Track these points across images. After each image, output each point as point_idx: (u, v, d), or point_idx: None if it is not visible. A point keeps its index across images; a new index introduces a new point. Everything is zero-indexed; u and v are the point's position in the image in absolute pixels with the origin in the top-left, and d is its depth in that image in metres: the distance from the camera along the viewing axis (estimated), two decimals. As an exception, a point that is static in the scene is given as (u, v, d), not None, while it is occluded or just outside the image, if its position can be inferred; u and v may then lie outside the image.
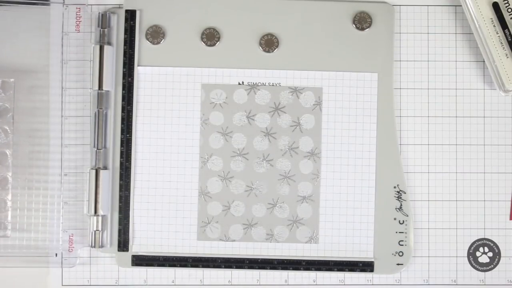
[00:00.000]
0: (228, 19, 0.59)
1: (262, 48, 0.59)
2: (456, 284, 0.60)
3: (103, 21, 0.59)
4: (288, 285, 0.59)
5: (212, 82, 0.60)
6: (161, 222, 0.59)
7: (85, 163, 0.59)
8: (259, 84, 0.60)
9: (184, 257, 0.59)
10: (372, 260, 0.59)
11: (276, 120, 0.59)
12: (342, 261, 0.59)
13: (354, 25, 0.59)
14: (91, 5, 0.59)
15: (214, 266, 0.59)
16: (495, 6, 0.57)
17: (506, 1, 0.57)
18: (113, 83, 0.59)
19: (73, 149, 0.59)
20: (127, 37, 0.59)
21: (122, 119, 0.59)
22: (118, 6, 0.59)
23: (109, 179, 0.59)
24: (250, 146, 0.59)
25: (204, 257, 0.59)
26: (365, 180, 0.59)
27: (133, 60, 0.59)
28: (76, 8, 0.59)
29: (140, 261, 0.59)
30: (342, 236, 0.59)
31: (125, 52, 0.59)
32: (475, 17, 0.58)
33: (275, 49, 0.59)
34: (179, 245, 0.59)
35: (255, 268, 0.59)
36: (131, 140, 0.59)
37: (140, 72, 0.59)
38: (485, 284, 0.60)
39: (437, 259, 0.59)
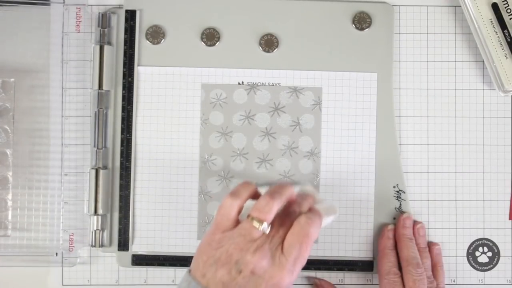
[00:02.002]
0: (228, 19, 0.59)
1: (262, 48, 0.59)
2: (456, 284, 0.60)
3: (103, 21, 0.59)
4: (287, 284, 0.59)
5: (212, 82, 0.60)
6: (161, 221, 0.59)
7: (85, 163, 0.59)
8: (259, 84, 0.60)
9: (184, 256, 0.59)
10: (372, 259, 0.59)
11: (275, 120, 0.60)
12: (341, 260, 0.59)
13: (353, 25, 0.59)
14: (91, 5, 0.59)
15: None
16: (494, 7, 0.57)
17: (505, 2, 0.57)
18: (113, 83, 0.59)
19: (73, 149, 0.59)
20: (127, 37, 0.59)
21: (122, 119, 0.59)
22: (118, 6, 0.60)
23: (109, 179, 0.59)
24: (250, 146, 0.59)
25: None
26: (364, 180, 0.59)
27: (133, 60, 0.59)
28: (76, 8, 0.59)
29: (140, 260, 0.59)
30: (342, 235, 0.59)
31: (125, 52, 0.59)
32: (475, 17, 0.58)
33: (275, 49, 0.59)
34: (179, 245, 0.59)
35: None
36: (131, 140, 0.59)
37: (140, 72, 0.59)
38: (484, 284, 0.60)
39: (436, 258, 0.60)
